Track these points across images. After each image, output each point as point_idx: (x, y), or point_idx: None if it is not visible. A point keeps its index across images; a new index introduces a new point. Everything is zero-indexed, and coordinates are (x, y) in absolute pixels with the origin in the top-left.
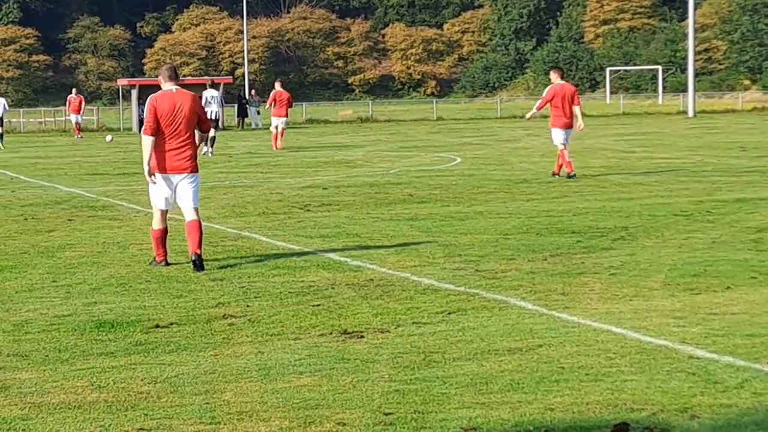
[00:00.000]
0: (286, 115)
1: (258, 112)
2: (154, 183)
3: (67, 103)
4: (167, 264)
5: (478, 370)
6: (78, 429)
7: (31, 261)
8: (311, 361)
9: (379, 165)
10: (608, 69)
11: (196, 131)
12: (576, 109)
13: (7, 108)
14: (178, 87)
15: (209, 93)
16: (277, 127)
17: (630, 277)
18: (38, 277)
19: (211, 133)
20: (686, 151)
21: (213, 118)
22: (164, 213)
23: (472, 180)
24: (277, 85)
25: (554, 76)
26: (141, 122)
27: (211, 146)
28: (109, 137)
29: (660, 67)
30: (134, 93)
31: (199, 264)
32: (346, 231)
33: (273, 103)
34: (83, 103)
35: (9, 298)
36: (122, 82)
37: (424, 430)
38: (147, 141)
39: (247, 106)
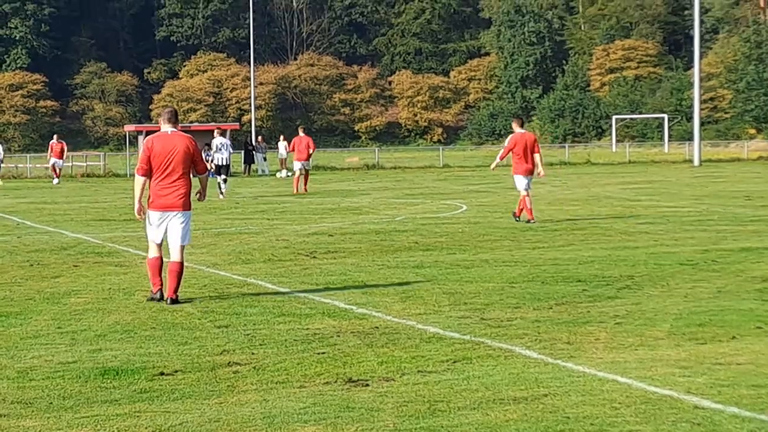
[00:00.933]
0: (307, 159)
1: (264, 159)
2: (141, 219)
3: (50, 148)
4: (162, 296)
5: (483, 420)
6: None
7: (37, 307)
8: (316, 409)
9: (385, 212)
10: (614, 117)
11: (197, 174)
12: (536, 156)
13: (2, 154)
14: (175, 130)
15: (219, 140)
16: (300, 171)
17: (635, 327)
18: (43, 323)
19: (223, 176)
20: (692, 200)
21: (224, 164)
22: (159, 246)
23: (478, 228)
24: (300, 131)
25: (515, 125)
26: None
27: (222, 190)
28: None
29: (666, 116)
30: (141, 139)
31: (172, 303)
32: (351, 278)
33: (293, 148)
34: (65, 149)
35: (14, 344)
36: (129, 128)
37: None
38: (138, 181)
39: (254, 152)
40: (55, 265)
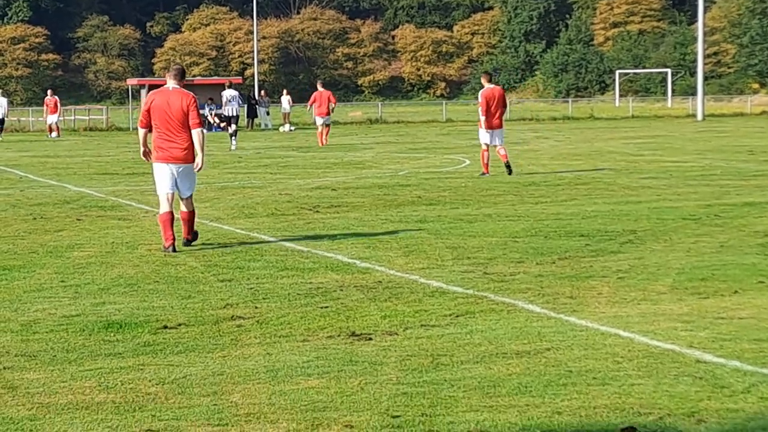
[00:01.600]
0: (328, 114)
1: (267, 113)
2: (148, 161)
3: (45, 105)
4: (174, 250)
5: (486, 374)
6: (85, 430)
7: (40, 261)
8: (319, 363)
9: (388, 166)
10: (618, 72)
11: (193, 130)
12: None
13: (5, 107)
14: (177, 86)
15: (229, 93)
16: (323, 125)
17: (638, 281)
18: (47, 277)
19: (232, 128)
20: (695, 155)
21: (233, 114)
22: (169, 198)
23: (480, 182)
24: (319, 86)
25: (484, 80)
26: None
27: (233, 141)
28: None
29: (669, 71)
30: (144, 93)
31: (188, 243)
32: (355, 232)
33: (313, 104)
34: (59, 103)
35: (17, 297)
36: (132, 81)
37: None
38: (140, 132)
39: (257, 106)
40: (58, 219)
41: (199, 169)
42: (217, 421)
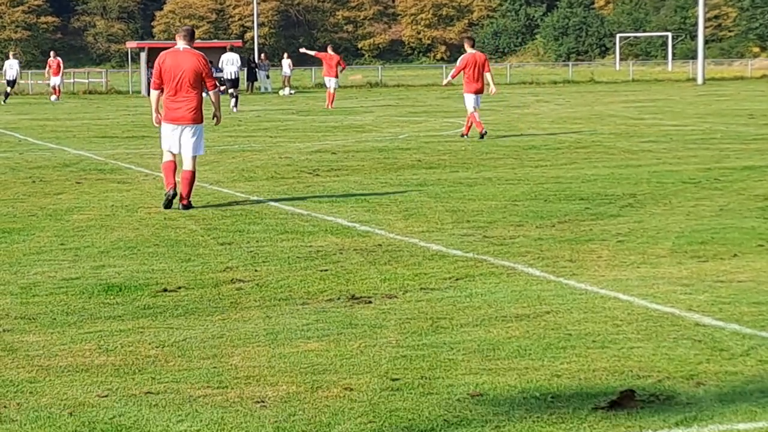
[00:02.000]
0: (336, 76)
1: (267, 76)
2: (158, 126)
3: (48, 66)
4: (175, 194)
5: (485, 337)
6: (85, 392)
7: (39, 224)
8: (319, 326)
9: (388, 130)
10: (618, 35)
11: (207, 92)
12: (487, 75)
13: (17, 70)
14: (188, 47)
15: (228, 56)
16: (334, 87)
17: (637, 245)
18: (46, 240)
19: (232, 91)
20: (695, 119)
21: (233, 77)
22: (172, 154)
23: (480, 146)
24: (329, 49)
25: (467, 46)
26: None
27: (235, 104)
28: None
29: (670, 34)
30: (143, 56)
31: (185, 209)
32: (354, 196)
33: (317, 55)
34: (61, 65)
35: (17, 260)
36: (131, 44)
37: (431, 396)
38: (152, 94)
39: (257, 70)
40: (57, 182)
41: (218, 122)
42: (216, 384)
